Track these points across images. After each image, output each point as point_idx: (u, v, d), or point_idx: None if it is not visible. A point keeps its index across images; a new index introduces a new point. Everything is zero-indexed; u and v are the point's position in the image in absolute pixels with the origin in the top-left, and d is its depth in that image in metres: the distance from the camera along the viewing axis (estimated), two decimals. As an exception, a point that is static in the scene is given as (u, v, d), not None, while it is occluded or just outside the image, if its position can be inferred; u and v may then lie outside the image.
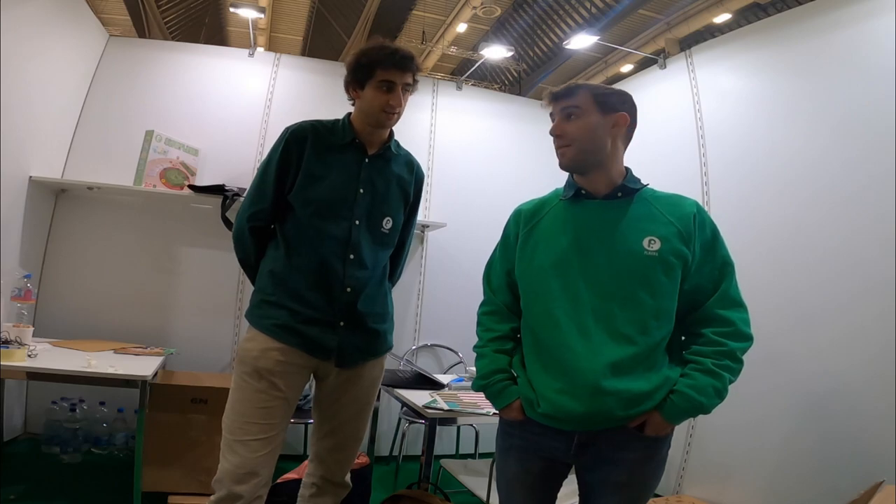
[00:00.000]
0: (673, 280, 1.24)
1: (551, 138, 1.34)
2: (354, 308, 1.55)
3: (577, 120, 1.28)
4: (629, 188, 1.30)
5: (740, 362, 1.23)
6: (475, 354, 1.42)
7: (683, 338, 1.30)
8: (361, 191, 1.57)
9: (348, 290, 1.54)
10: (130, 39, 3.75)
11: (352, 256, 1.54)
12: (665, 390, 1.22)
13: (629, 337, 1.22)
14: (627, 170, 1.35)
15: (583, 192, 1.33)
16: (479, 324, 1.45)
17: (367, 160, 1.60)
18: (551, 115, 1.34)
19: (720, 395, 1.20)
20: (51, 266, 2.92)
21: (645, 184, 1.34)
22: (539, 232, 1.35)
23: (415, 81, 1.58)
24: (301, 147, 1.56)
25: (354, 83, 1.57)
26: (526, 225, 1.38)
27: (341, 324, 1.54)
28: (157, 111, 3.13)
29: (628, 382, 1.19)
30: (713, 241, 1.28)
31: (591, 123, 1.28)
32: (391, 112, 1.54)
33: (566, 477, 1.36)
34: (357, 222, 1.56)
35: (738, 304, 1.27)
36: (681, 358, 1.27)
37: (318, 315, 1.53)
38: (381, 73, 1.52)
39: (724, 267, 1.27)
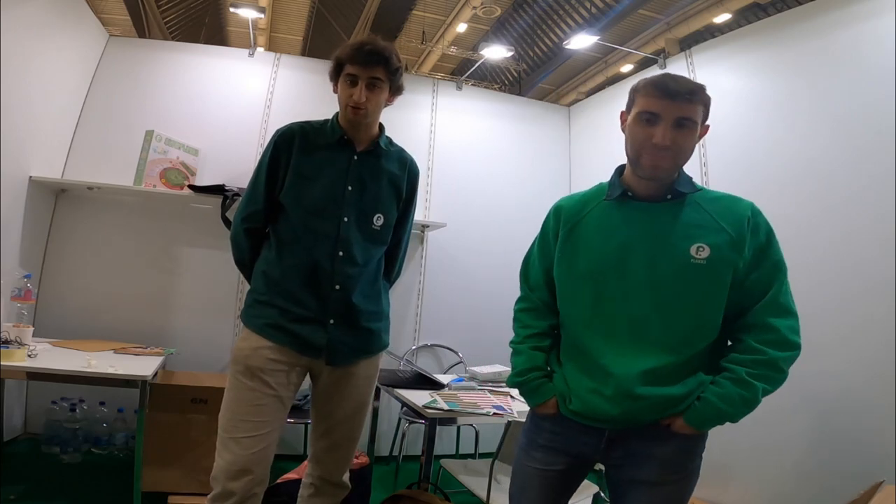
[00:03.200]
0: (721, 289, 1.18)
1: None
2: (345, 305, 1.56)
3: (690, 132, 1.18)
4: (679, 192, 1.23)
5: (782, 372, 1.16)
6: (511, 350, 1.39)
7: (729, 343, 1.24)
8: (350, 188, 1.58)
9: (337, 287, 1.55)
10: (130, 39, 3.75)
11: (341, 254, 1.55)
12: (698, 392, 1.19)
13: (670, 347, 1.18)
14: (680, 170, 1.26)
15: (629, 193, 1.25)
16: (515, 320, 1.42)
17: (355, 157, 1.60)
18: (652, 113, 1.17)
19: (749, 405, 1.14)
20: (51, 266, 2.92)
21: (699, 186, 1.26)
22: (580, 233, 1.29)
23: (390, 78, 1.56)
24: (289, 148, 1.58)
25: (332, 79, 1.60)
26: (567, 224, 1.32)
27: (331, 322, 1.55)
28: (157, 111, 3.13)
29: (661, 389, 1.17)
30: (767, 244, 1.21)
31: (697, 136, 1.20)
32: (355, 107, 1.53)
33: (585, 475, 1.36)
34: (346, 219, 1.56)
35: (787, 312, 1.19)
36: (718, 363, 1.22)
37: (308, 313, 1.54)
38: (346, 67, 1.53)
39: (775, 270, 1.20)
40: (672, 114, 1.16)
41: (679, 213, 1.22)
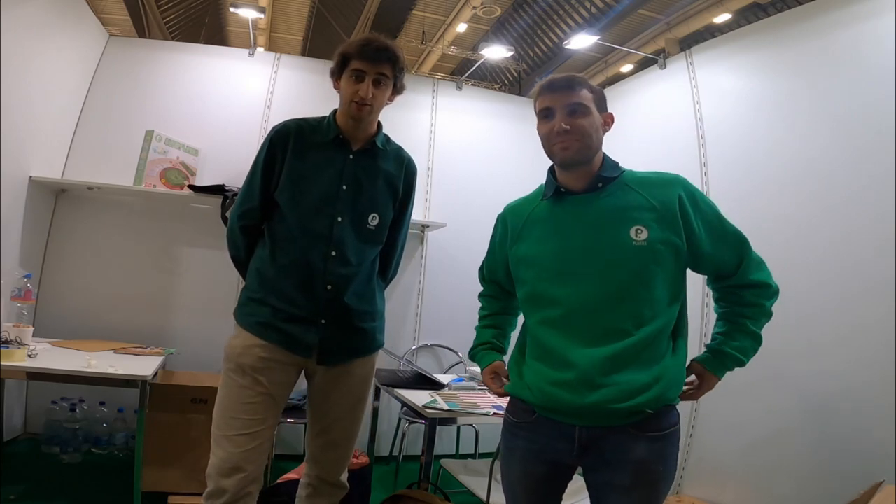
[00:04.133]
0: (665, 269, 1.23)
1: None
2: (338, 305, 1.55)
3: (584, 116, 1.27)
4: (607, 178, 1.29)
5: (771, 314, 1.30)
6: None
7: (717, 295, 1.35)
8: (344, 187, 1.57)
9: (329, 287, 1.54)
10: (130, 39, 3.75)
11: (334, 253, 1.54)
12: (664, 381, 1.21)
13: (625, 331, 1.21)
14: (604, 157, 1.33)
15: (562, 189, 1.32)
16: (480, 304, 1.60)
17: (351, 156, 1.59)
18: (546, 108, 1.30)
19: (756, 351, 1.30)
20: (51, 266, 2.92)
21: (623, 169, 1.32)
22: (526, 237, 1.36)
23: (395, 76, 1.56)
24: (284, 146, 1.57)
25: (334, 75, 1.59)
26: (514, 231, 1.40)
27: (323, 321, 1.54)
28: (157, 111, 3.13)
29: (625, 375, 1.19)
30: (717, 218, 1.28)
31: (596, 121, 1.29)
32: (360, 103, 1.52)
33: (570, 478, 1.36)
34: (339, 219, 1.55)
35: (761, 263, 1.31)
36: (682, 339, 1.28)
37: (300, 313, 1.53)
38: (354, 62, 1.53)
39: (738, 241, 1.29)
40: (561, 102, 1.28)
41: (612, 199, 1.28)
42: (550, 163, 1.38)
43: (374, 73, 1.52)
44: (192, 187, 3.00)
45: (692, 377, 1.32)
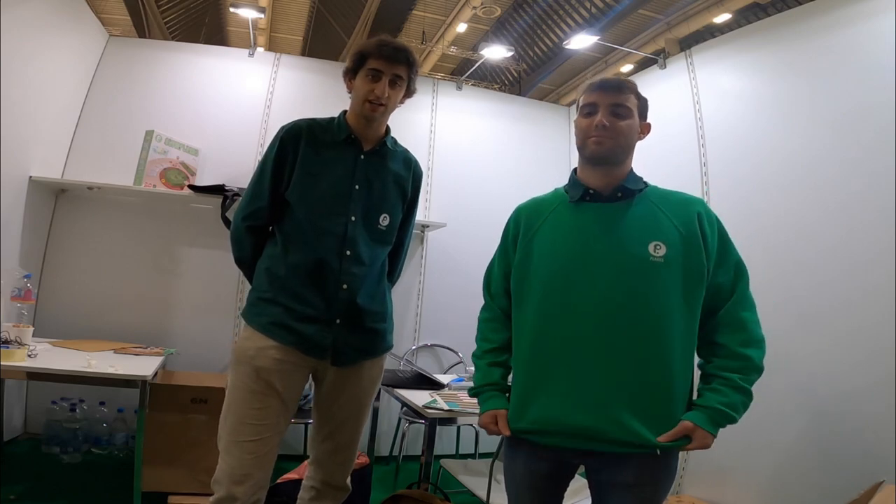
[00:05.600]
0: (685, 288, 1.22)
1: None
2: (352, 305, 1.54)
3: (626, 119, 1.28)
4: (629, 189, 1.29)
5: (762, 370, 1.24)
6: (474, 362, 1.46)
7: (699, 344, 1.28)
8: (357, 187, 1.56)
9: (344, 286, 1.53)
10: (130, 39, 3.75)
11: (348, 253, 1.53)
12: (675, 425, 1.20)
13: (637, 353, 1.20)
14: (630, 170, 1.34)
15: (590, 192, 1.30)
16: (478, 330, 1.48)
17: (362, 156, 1.59)
18: (590, 104, 1.30)
19: (746, 407, 1.23)
20: (51, 266, 2.92)
21: (646, 183, 1.32)
22: (540, 238, 1.34)
23: (410, 78, 1.57)
24: (296, 145, 1.56)
25: (349, 73, 1.59)
26: (527, 230, 1.37)
27: (337, 322, 1.53)
28: (157, 111, 3.13)
29: (637, 416, 1.18)
30: (724, 241, 1.28)
31: (634, 125, 1.30)
32: (375, 102, 1.52)
33: (573, 477, 1.36)
34: (353, 218, 1.55)
35: (753, 305, 1.27)
36: (692, 373, 1.25)
37: (313, 313, 1.52)
38: (371, 61, 1.52)
39: (738, 269, 1.27)
40: (606, 101, 1.28)
41: (633, 211, 1.28)
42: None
43: (390, 73, 1.52)
44: (192, 187, 3.00)
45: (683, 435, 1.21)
